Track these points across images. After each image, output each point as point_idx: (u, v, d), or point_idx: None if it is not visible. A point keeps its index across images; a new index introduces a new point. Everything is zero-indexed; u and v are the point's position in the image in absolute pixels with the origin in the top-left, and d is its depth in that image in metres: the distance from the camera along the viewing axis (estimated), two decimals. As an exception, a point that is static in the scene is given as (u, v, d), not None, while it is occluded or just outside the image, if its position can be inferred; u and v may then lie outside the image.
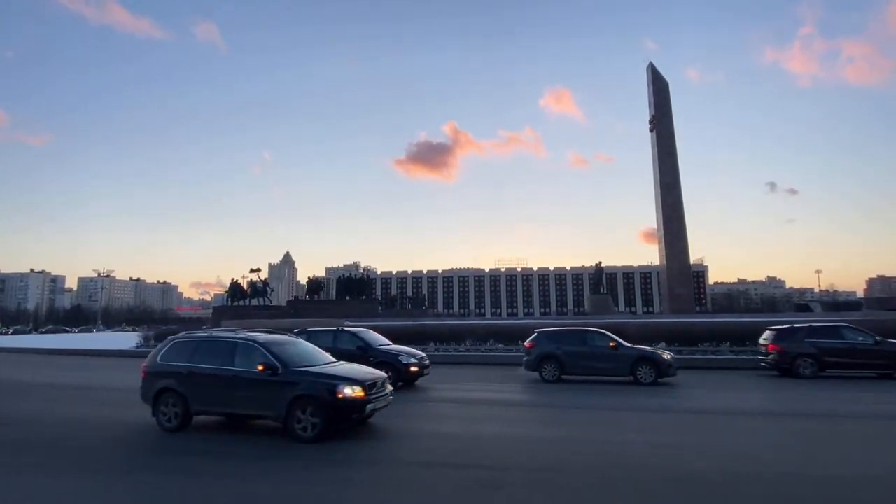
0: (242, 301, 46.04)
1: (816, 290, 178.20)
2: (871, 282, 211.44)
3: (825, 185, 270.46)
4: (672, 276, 43.30)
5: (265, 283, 45.51)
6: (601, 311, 44.48)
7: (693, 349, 20.42)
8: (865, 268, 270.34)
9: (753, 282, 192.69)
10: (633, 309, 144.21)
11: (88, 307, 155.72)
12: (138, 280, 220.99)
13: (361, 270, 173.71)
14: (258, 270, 44.91)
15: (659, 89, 46.59)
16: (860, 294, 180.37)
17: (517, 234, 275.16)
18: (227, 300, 46.35)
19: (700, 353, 20.00)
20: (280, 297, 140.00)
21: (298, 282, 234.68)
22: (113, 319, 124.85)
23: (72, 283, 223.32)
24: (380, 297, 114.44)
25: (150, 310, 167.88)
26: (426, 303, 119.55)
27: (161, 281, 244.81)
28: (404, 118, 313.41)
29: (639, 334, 19.40)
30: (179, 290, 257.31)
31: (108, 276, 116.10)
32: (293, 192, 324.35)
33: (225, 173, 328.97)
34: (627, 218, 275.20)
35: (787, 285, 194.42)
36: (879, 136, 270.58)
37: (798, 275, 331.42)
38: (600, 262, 47.33)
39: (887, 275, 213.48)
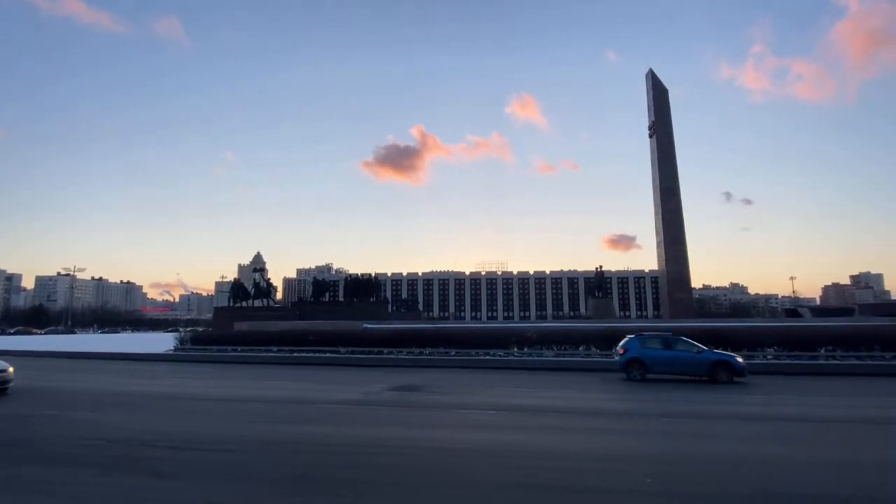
0: (245, 302, 43.80)
1: (780, 296, 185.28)
2: (826, 289, 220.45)
3: (778, 196, 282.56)
4: (671, 280, 43.79)
5: (269, 283, 43.70)
6: (602, 314, 44.75)
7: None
8: (819, 276, 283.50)
9: (718, 288, 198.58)
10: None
11: (48, 307, 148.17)
12: (101, 279, 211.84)
13: (334, 272, 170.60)
14: (261, 270, 43.19)
15: (658, 95, 46.91)
16: (818, 301, 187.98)
17: (490, 237, 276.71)
18: (230, 300, 44.02)
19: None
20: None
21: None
22: (77, 320, 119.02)
23: (27, 283, 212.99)
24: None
25: (114, 310, 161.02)
26: (409, 305, 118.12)
27: (124, 281, 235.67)
28: (371, 120, 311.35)
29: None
30: (143, 290, 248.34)
31: (70, 274, 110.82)
32: (259, 194, 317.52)
33: (185, 173, 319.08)
34: (592, 225, 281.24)
35: (750, 291, 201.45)
36: (827, 150, 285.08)
37: (757, 281, 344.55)
38: (601, 266, 47.46)
39: (841, 282, 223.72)
